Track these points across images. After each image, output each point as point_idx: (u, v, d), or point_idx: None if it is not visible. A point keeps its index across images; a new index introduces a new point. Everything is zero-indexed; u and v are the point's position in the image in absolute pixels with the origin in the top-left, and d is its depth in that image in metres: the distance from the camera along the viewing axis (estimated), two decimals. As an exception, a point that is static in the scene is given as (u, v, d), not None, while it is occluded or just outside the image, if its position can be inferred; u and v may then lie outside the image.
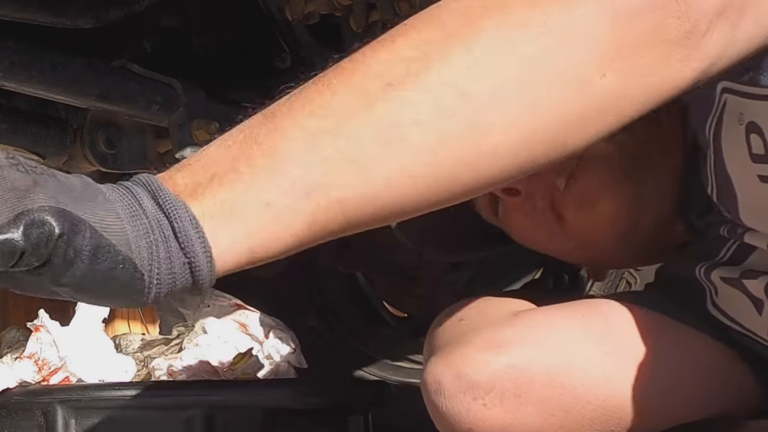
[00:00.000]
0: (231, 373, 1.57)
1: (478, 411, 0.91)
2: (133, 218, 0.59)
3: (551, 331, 0.96)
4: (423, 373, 0.96)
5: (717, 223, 0.97)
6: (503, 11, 0.64)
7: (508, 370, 0.92)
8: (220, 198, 0.60)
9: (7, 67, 1.09)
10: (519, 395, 0.91)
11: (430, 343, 1.06)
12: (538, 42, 0.64)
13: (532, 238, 1.12)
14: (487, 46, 0.64)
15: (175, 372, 1.56)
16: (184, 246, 0.59)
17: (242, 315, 1.68)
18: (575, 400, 0.92)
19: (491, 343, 0.94)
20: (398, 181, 0.63)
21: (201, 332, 1.63)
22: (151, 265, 0.59)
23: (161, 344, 1.69)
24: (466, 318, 1.05)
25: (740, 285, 0.93)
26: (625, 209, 1.04)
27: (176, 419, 1.36)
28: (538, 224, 1.09)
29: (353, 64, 0.65)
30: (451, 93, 0.63)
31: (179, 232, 0.59)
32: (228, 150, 0.62)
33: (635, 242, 1.07)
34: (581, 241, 1.08)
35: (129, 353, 1.70)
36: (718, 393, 0.97)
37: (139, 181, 0.61)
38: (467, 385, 0.92)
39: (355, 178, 0.63)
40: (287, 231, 0.63)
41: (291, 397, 1.38)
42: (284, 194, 0.61)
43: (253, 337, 1.63)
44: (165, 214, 0.59)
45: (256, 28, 1.45)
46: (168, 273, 0.59)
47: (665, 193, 1.04)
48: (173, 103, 1.27)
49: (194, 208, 0.60)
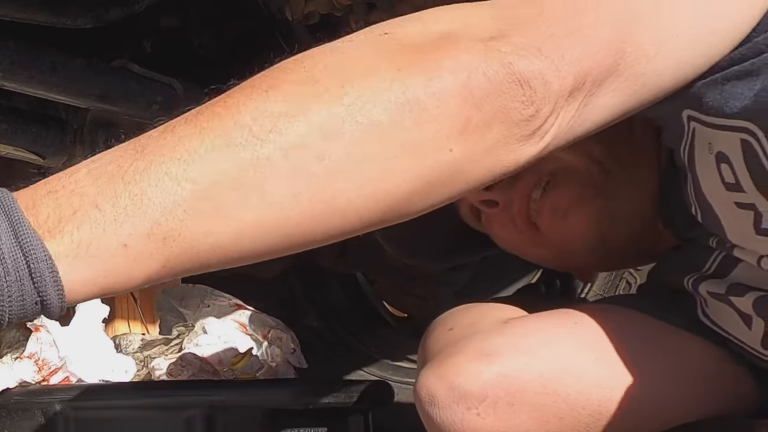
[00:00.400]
0: (231, 373, 1.57)
1: (472, 421, 0.91)
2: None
3: (543, 338, 0.96)
4: (416, 385, 0.96)
5: (706, 234, 0.97)
6: (368, 76, 0.69)
7: (501, 378, 0.92)
8: (78, 237, 0.62)
9: (7, 67, 1.09)
10: (512, 403, 0.91)
11: (422, 353, 1.06)
12: (395, 111, 0.68)
13: (512, 246, 1.13)
14: (347, 112, 0.67)
15: (175, 372, 1.56)
16: (38, 286, 0.62)
17: (242, 315, 1.68)
18: (569, 406, 0.92)
19: (483, 353, 0.94)
20: (251, 233, 0.67)
21: (201, 332, 1.63)
22: (2, 303, 0.61)
23: (161, 344, 1.69)
24: (456, 327, 1.04)
25: (728, 301, 0.93)
26: (596, 221, 1.04)
27: (176, 419, 1.36)
28: (516, 234, 1.09)
29: (226, 110, 0.67)
30: (308, 156, 0.66)
31: (34, 273, 0.61)
32: (96, 181, 0.64)
33: (612, 251, 1.07)
34: (558, 250, 1.08)
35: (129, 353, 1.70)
36: (712, 394, 0.97)
37: (2, 206, 0.63)
38: (460, 395, 0.92)
39: (211, 228, 0.65)
40: (141, 272, 0.65)
41: (291, 397, 1.38)
42: (142, 239, 0.64)
43: (253, 337, 1.63)
44: (23, 252, 0.61)
45: (256, 28, 1.45)
46: (19, 308, 0.62)
47: (639, 206, 1.04)
48: (173, 103, 1.27)
49: (52, 246, 0.62)
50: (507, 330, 0.98)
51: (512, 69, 0.70)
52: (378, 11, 1.27)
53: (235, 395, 1.38)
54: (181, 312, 1.75)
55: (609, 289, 1.79)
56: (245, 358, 1.58)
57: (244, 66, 1.53)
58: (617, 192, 1.03)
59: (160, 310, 1.84)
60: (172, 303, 1.78)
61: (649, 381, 0.94)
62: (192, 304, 1.75)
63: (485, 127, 0.70)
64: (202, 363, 1.56)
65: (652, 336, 0.97)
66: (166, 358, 1.61)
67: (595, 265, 1.15)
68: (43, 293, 0.62)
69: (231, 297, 1.73)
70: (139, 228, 0.63)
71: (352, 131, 0.67)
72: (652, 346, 0.96)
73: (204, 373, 1.55)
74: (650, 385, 0.94)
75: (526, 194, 1.06)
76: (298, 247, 0.71)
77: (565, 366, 0.93)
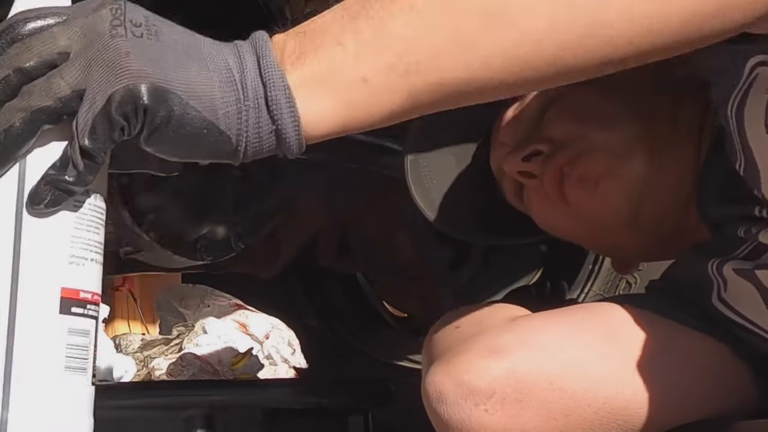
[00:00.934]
0: (231, 373, 1.57)
1: (480, 417, 0.92)
2: (226, 84, 0.63)
3: (550, 335, 0.96)
4: (423, 383, 0.97)
5: (734, 220, 0.97)
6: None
7: (509, 375, 0.92)
8: (318, 69, 0.64)
9: (7, 67, 1.09)
10: (520, 400, 0.92)
11: (428, 352, 1.06)
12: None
13: (549, 222, 1.15)
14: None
15: (175, 372, 1.56)
16: (273, 113, 0.63)
17: (242, 315, 1.68)
18: (576, 403, 0.92)
19: (491, 349, 0.94)
20: (500, 64, 0.64)
21: (201, 332, 1.63)
22: (239, 129, 0.63)
23: (161, 344, 1.69)
24: (463, 325, 1.05)
25: (752, 276, 0.93)
26: (627, 194, 1.05)
27: (176, 419, 1.36)
28: (550, 207, 1.11)
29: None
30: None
31: (271, 100, 0.63)
32: (340, 20, 0.65)
33: (645, 229, 1.07)
34: (589, 225, 1.09)
35: (129, 353, 1.70)
36: (716, 393, 0.97)
37: (253, 41, 0.66)
38: (468, 391, 0.92)
39: (457, 61, 0.64)
40: (381, 107, 0.66)
41: (291, 397, 1.39)
42: (384, 72, 0.64)
43: (253, 337, 1.64)
44: (262, 81, 0.63)
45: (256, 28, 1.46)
46: (255, 137, 0.64)
47: (674, 185, 1.05)
48: (173, 103, 1.27)
49: (293, 76, 0.64)
50: (515, 327, 0.98)
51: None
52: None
53: (235, 395, 1.38)
54: (181, 312, 1.75)
55: (609, 290, 1.79)
56: (245, 358, 1.58)
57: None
58: (653, 169, 1.04)
59: (160, 310, 1.85)
60: (172, 303, 1.78)
61: (656, 379, 0.94)
62: (192, 304, 1.75)
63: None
64: (202, 363, 1.56)
65: (659, 334, 0.97)
66: (166, 358, 1.61)
67: (628, 248, 1.15)
68: (278, 121, 0.63)
69: (231, 297, 1.74)
70: (381, 61, 0.64)
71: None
72: (658, 344, 0.96)
73: (204, 373, 1.55)
74: (656, 384, 0.94)
75: (559, 165, 1.08)
76: (540, 83, 0.67)
77: (571, 363, 0.94)
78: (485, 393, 0.92)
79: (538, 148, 1.09)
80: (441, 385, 0.94)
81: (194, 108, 0.62)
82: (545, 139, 1.09)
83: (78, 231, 0.67)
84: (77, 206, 0.67)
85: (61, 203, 0.64)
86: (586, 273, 2.03)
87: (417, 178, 1.22)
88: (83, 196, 0.66)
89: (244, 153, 0.65)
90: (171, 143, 0.63)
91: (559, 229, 1.16)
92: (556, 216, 1.12)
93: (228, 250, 1.61)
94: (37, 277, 0.65)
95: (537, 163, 1.09)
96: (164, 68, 0.63)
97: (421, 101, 0.66)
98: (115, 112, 0.61)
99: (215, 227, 1.58)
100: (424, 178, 1.21)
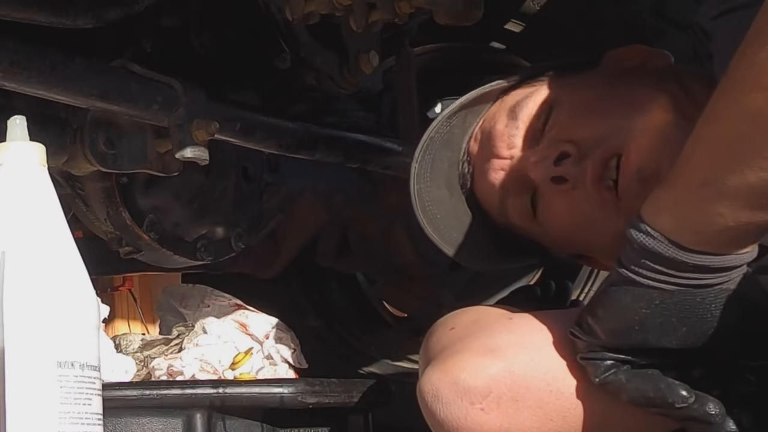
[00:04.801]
0: (231, 373, 1.57)
1: (475, 416, 0.92)
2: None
3: (548, 335, 0.96)
4: (419, 383, 0.96)
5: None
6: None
7: (505, 374, 0.92)
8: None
9: (7, 67, 1.09)
10: (516, 399, 0.92)
11: (424, 353, 1.06)
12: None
13: (577, 226, 1.08)
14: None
15: (175, 372, 1.56)
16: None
17: (242, 315, 1.68)
18: (572, 404, 0.92)
19: (487, 348, 0.94)
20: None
21: (201, 332, 1.63)
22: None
23: (161, 344, 1.69)
24: (458, 326, 1.04)
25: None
26: None
27: (176, 419, 1.36)
28: (588, 206, 1.05)
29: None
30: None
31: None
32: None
33: None
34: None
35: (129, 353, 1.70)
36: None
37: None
38: (464, 390, 0.92)
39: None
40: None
41: (291, 397, 1.38)
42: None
43: (253, 337, 1.63)
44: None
45: (256, 28, 1.45)
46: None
47: None
48: (173, 103, 1.27)
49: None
50: (512, 327, 0.98)
51: None
52: (378, 11, 1.27)
53: (235, 395, 1.38)
54: (181, 312, 1.75)
55: (609, 289, 1.79)
56: (245, 358, 1.58)
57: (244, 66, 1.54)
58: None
59: (160, 310, 1.84)
60: (172, 303, 1.77)
61: None
62: (192, 304, 1.75)
63: None
64: (202, 363, 1.56)
65: None
66: (166, 358, 1.61)
67: None
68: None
69: (231, 297, 1.73)
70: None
71: None
72: None
73: (204, 373, 1.55)
74: None
75: (604, 161, 1.03)
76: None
77: (569, 363, 0.93)
78: (481, 392, 0.91)
79: (565, 150, 1.04)
80: (437, 384, 0.93)
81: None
82: (566, 141, 1.05)
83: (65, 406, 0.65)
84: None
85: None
86: (586, 273, 2.03)
87: (425, 213, 1.17)
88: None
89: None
90: None
91: (590, 228, 1.07)
92: (593, 214, 1.05)
93: (228, 250, 1.61)
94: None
95: (569, 165, 1.04)
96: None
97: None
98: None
99: (215, 227, 1.58)
100: (430, 213, 1.17)
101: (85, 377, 0.67)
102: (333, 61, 1.49)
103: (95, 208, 1.44)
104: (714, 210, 0.81)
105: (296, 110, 1.59)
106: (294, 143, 1.50)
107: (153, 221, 1.46)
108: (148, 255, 1.52)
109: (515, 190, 1.10)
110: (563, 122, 1.07)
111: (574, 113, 1.06)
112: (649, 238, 0.85)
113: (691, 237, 0.84)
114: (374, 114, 1.80)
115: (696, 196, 0.82)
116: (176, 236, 1.52)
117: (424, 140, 1.14)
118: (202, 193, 1.54)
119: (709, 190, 0.80)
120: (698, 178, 0.81)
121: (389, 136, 1.71)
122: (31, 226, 0.74)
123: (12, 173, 0.76)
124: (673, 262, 0.85)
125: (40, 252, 0.73)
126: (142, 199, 1.46)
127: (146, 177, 1.42)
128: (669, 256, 0.85)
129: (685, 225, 0.84)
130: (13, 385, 0.65)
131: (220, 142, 1.35)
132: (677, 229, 0.84)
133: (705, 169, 0.81)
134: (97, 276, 1.16)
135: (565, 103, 1.08)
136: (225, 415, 1.38)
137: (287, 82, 1.54)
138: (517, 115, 1.10)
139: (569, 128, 1.06)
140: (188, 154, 1.25)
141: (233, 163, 1.57)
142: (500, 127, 1.11)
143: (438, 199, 1.16)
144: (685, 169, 0.83)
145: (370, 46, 1.50)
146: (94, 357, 0.68)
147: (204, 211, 1.55)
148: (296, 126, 1.50)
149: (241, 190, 1.60)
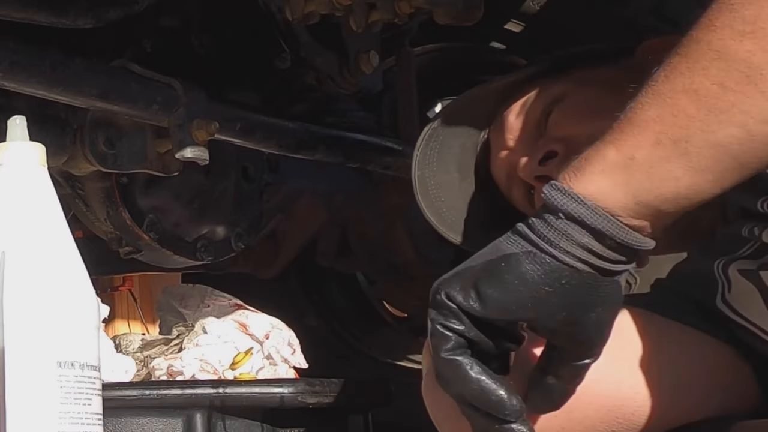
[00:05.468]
0: (231, 373, 1.57)
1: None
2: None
3: None
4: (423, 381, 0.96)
5: (743, 219, 0.96)
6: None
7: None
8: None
9: (7, 67, 1.09)
10: None
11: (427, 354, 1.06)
12: None
13: None
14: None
15: (175, 372, 1.56)
16: None
17: (242, 315, 1.68)
18: (577, 401, 0.92)
19: None
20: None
21: (201, 332, 1.63)
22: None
23: (161, 344, 1.69)
24: None
25: (756, 277, 0.93)
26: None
27: (176, 419, 1.36)
28: None
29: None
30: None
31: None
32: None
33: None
34: None
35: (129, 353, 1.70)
36: (718, 393, 0.97)
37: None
38: None
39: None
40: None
41: (291, 397, 1.38)
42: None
43: (253, 337, 1.63)
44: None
45: (256, 28, 1.45)
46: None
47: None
48: (173, 103, 1.27)
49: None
50: None
51: None
52: (378, 11, 1.27)
53: (235, 395, 1.38)
54: (181, 312, 1.75)
55: (609, 289, 1.79)
56: (245, 358, 1.58)
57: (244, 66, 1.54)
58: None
59: (160, 310, 1.84)
60: (172, 303, 1.77)
61: (657, 379, 0.94)
62: (192, 304, 1.75)
63: None
64: (202, 363, 1.56)
65: (661, 334, 0.97)
66: (166, 358, 1.61)
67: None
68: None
69: (231, 297, 1.73)
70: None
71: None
72: (660, 344, 0.96)
73: (204, 373, 1.55)
74: (658, 383, 0.94)
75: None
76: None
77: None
78: None
79: (553, 149, 1.05)
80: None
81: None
82: (557, 140, 1.06)
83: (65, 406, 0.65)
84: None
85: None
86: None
87: (426, 197, 1.17)
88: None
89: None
90: None
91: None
92: None
93: (228, 250, 1.61)
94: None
95: (553, 165, 1.04)
96: None
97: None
98: None
99: (215, 227, 1.58)
100: (433, 197, 1.17)
101: (85, 377, 0.67)
102: (333, 61, 1.50)
103: (95, 208, 1.44)
104: (669, 172, 0.71)
105: (296, 110, 1.59)
106: (294, 143, 1.50)
107: (153, 221, 1.46)
108: (148, 255, 1.52)
109: (516, 181, 1.11)
110: (560, 119, 1.07)
111: (571, 110, 1.07)
112: (574, 203, 0.74)
113: (631, 205, 0.73)
114: (374, 114, 1.80)
115: (647, 154, 0.72)
116: (176, 236, 1.52)
117: (427, 129, 1.15)
118: (202, 193, 1.54)
119: (664, 148, 0.71)
120: (650, 136, 0.72)
121: (389, 136, 1.71)
122: (31, 226, 0.74)
123: (12, 173, 0.76)
124: (600, 234, 0.74)
125: (40, 252, 0.73)
126: (142, 199, 1.46)
127: (146, 177, 1.42)
128: (596, 227, 0.74)
129: (626, 190, 0.73)
130: (13, 385, 0.65)
131: (220, 142, 1.35)
132: (614, 194, 0.73)
133: (661, 125, 0.71)
134: (97, 276, 1.17)
135: (568, 98, 1.08)
136: (225, 415, 1.38)
137: (287, 82, 1.54)
138: (526, 108, 1.10)
139: (563, 126, 1.07)
140: (188, 154, 1.25)
141: (233, 163, 1.57)
142: (511, 119, 1.12)
143: (445, 183, 1.15)
144: (633, 126, 0.73)
145: (370, 46, 1.50)
146: (94, 357, 0.68)
147: (204, 211, 1.55)
148: (296, 126, 1.50)
149: (241, 190, 1.60)
